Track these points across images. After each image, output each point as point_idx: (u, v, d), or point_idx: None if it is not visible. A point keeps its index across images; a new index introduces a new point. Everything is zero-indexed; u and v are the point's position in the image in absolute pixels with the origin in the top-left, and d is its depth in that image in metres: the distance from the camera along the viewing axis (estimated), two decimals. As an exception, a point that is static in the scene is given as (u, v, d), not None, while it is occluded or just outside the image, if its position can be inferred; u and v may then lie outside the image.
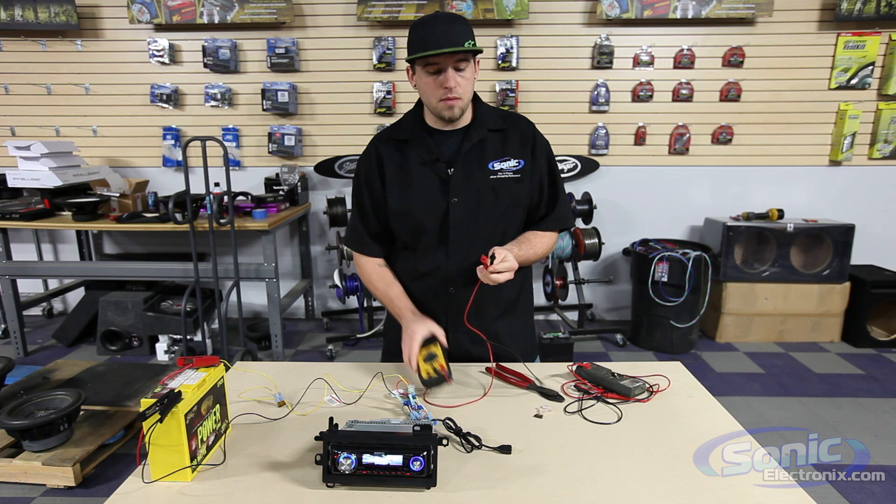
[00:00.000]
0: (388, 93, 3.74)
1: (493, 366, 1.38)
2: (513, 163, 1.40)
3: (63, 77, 3.81)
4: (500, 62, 3.68)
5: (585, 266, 4.00)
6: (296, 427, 1.14)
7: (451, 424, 1.09)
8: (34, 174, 3.31)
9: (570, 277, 3.73)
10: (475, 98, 1.43)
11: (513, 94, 3.70)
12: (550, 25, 3.66)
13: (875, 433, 2.53)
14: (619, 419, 1.17)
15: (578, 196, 3.69)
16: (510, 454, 1.04)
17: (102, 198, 3.32)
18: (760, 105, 3.72)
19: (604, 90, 3.70)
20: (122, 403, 2.50)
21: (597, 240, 3.58)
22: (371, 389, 1.30)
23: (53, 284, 4.16)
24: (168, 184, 3.91)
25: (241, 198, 3.44)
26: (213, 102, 3.80)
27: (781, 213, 3.64)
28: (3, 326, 3.70)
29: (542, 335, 2.91)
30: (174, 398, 0.94)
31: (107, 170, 3.79)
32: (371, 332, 3.57)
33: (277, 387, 1.28)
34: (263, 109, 3.75)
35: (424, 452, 0.93)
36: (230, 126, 3.85)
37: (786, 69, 3.66)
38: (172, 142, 3.86)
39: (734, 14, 3.50)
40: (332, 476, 0.94)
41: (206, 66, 3.73)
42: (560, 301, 3.71)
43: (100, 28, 3.75)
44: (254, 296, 4.07)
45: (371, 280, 1.50)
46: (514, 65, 3.69)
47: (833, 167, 3.82)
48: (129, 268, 3.40)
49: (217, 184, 3.03)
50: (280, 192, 3.58)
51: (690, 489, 0.94)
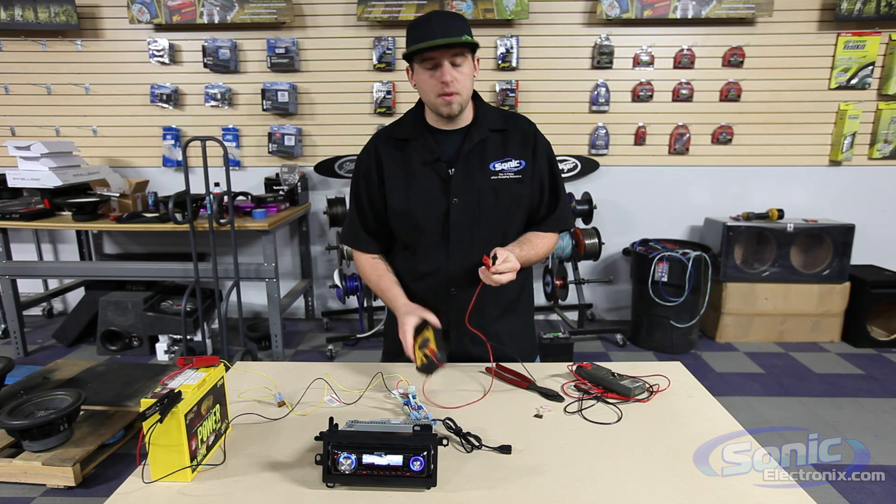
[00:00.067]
0: (388, 93, 3.74)
1: (493, 366, 1.38)
2: (514, 163, 1.39)
3: (63, 77, 3.81)
4: (500, 62, 3.68)
5: (585, 266, 4.00)
6: (296, 427, 1.14)
7: (451, 424, 1.09)
8: (34, 174, 3.31)
9: (570, 277, 3.73)
10: (476, 98, 1.43)
11: (513, 94, 3.70)
12: (550, 25, 3.66)
13: (875, 433, 2.53)
14: (619, 419, 1.17)
15: (578, 196, 3.69)
16: (510, 454, 1.04)
17: (102, 198, 3.32)
18: (760, 105, 3.72)
19: (604, 90, 3.70)
20: (122, 403, 2.51)
21: (597, 240, 3.58)
22: (371, 389, 1.30)
23: (53, 284, 4.16)
24: (168, 184, 3.91)
25: (241, 198, 3.44)
26: (213, 102, 3.80)
27: (781, 213, 3.64)
28: (3, 326, 3.70)
29: (542, 335, 2.91)
30: (174, 398, 0.94)
31: (107, 170, 3.79)
32: (371, 332, 3.57)
33: (277, 387, 1.28)
34: (263, 109, 3.76)
35: (424, 452, 0.93)
36: (230, 126, 3.85)
37: (786, 69, 3.66)
38: (172, 142, 3.86)
39: (734, 14, 3.51)
40: (332, 476, 0.94)
41: (206, 66, 3.73)
42: (560, 301, 3.71)
43: (100, 28, 3.75)
44: (254, 296, 4.07)
45: (365, 272, 1.51)
46: (514, 65, 3.69)
47: (833, 167, 3.82)
48: (129, 268, 3.40)
49: (217, 184, 3.03)
50: (280, 192, 3.58)
51: (690, 489, 0.94)
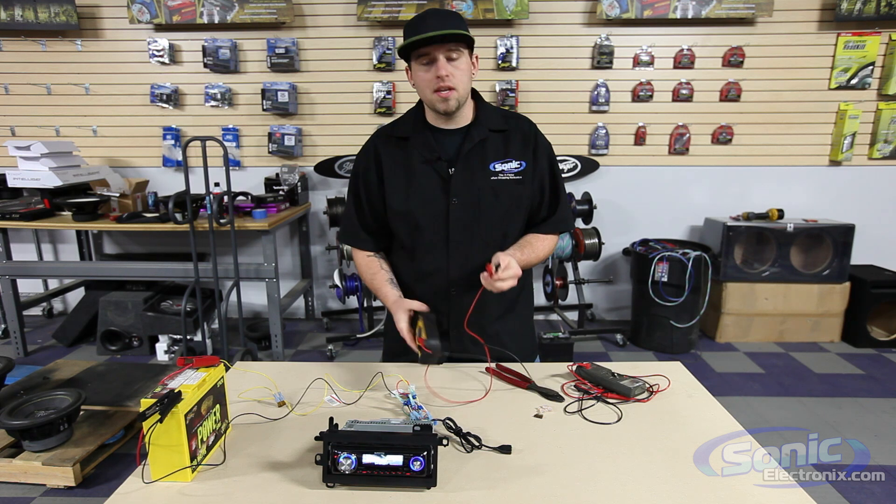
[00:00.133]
0: (388, 93, 3.74)
1: (493, 366, 1.39)
2: (514, 164, 1.39)
3: (63, 77, 3.81)
4: (500, 62, 3.68)
5: (585, 266, 4.00)
6: (296, 427, 1.14)
7: (451, 424, 1.09)
8: (34, 174, 3.31)
9: (570, 277, 3.73)
10: (477, 97, 1.43)
11: (513, 94, 3.70)
12: (550, 25, 3.66)
13: (875, 433, 2.53)
14: (619, 419, 1.17)
15: (578, 196, 3.69)
16: (510, 454, 1.04)
17: (102, 198, 3.32)
18: (760, 105, 3.72)
19: (604, 90, 3.70)
20: (122, 403, 2.51)
21: (597, 240, 3.58)
22: (371, 389, 1.30)
23: (53, 284, 4.16)
24: (168, 184, 3.91)
25: (241, 198, 3.44)
26: (213, 102, 3.80)
27: (781, 213, 3.64)
28: (3, 326, 3.70)
29: (542, 335, 2.91)
30: (174, 398, 0.93)
31: (107, 170, 3.79)
32: (371, 332, 3.57)
33: (277, 387, 1.28)
34: (263, 109, 3.76)
35: (424, 452, 0.93)
36: (230, 126, 3.85)
37: (786, 69, 3.66)
38: (172, 142, 3.86)
39: (734, 14, 3.50)
40: (332, 476, 0.94)
41: (206, 66, 3.73)
42: (560, 301, 3.71)
43: (100, 28, 3.75)
44: (254, 296, 4.07)
45: (361, 270, 1.51)
46: (514, 65, 3.69)
47: (833, 167, 3.82)
48: (129, 268, 3.40)
49: (217, 184, 3.03)
50: (280, 192, 3.58)
51: (690, 489, 0.94)
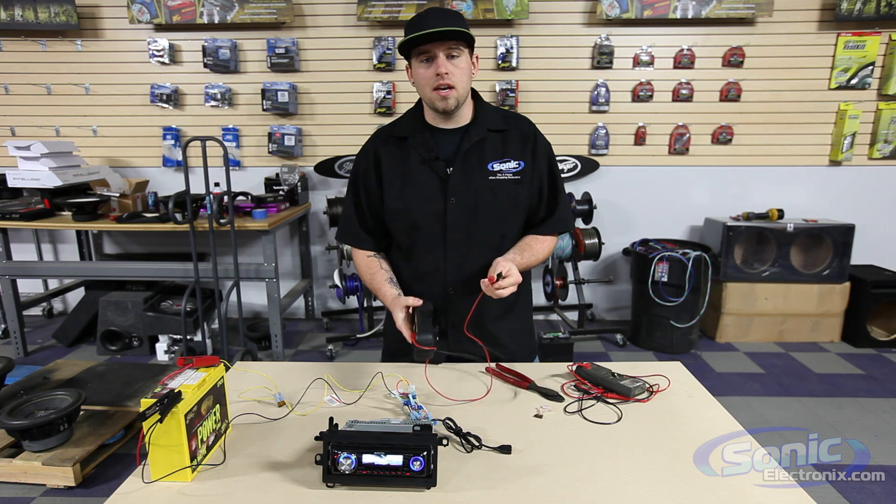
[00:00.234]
0: (388, 93, 3.74)
1: (493, 366, 1.39)
2: (513, 164, 1.39)
3: (63, 77, 3.81)
4: (500, 62, 3.68)
5: (585, 266, 4.00)
6: (296, 427, 1.14)
7: (451, 424, 1.09)
8: (34, 174, 3.31)
9: (570, 277, 3.73)
10: (476, 97, 1.43)
11: (513, 94, 3.70)
12: (550, 25, 3.66)
13: (875, 433, 2.53)
14: (619, 419, 1.17)
15: (578, 196, 3.69)
16: (510, 454, 1.04)
17: (102, 198, 3.32)
18: (760, 105, 3.72)
19: (604, 90, 3.70)
20: (122, 403, 2.50)
21: (597, 240, 3.58)
22: (371, 389, 1.30)
23: (53, 284, 4.16)
24: (168, 184, 3.91)
25: (241, 198, 3.44)
26: (213, 102, 3.80)
27: (781, 213, 3.64)
28: (3, 326, 3.70)
29: (542, 335, 2.90)
30: (174, 398, 0.93)
31: (107, 170, 3.79)
32: (371, 332, 3.57)
33: (277, 387, 1.28)
34: (263, 109, 3.75)
35: (424, 452, 0.93)
36: (230, 126, 3.85)
37: (786, 69, 3.66)
38: (172, 142, 3.86)
39: (734, 14, 3.50)
40: (332, 476, 0.94)
41: (206, 66, 3.73)
42: (560, 301, 3.71)
43: (100, 28, 3.75)
44: (254, 296, 4.07)
45: (360, 269, 1.51)
46: (514, 65, 3.68)
47: (833, 167, 3.82)
48: (129, 268, 3.40)
49: (217, 184, 3.03)
50: (280, 192, 3.58)
51: (690, 489, 0.94)
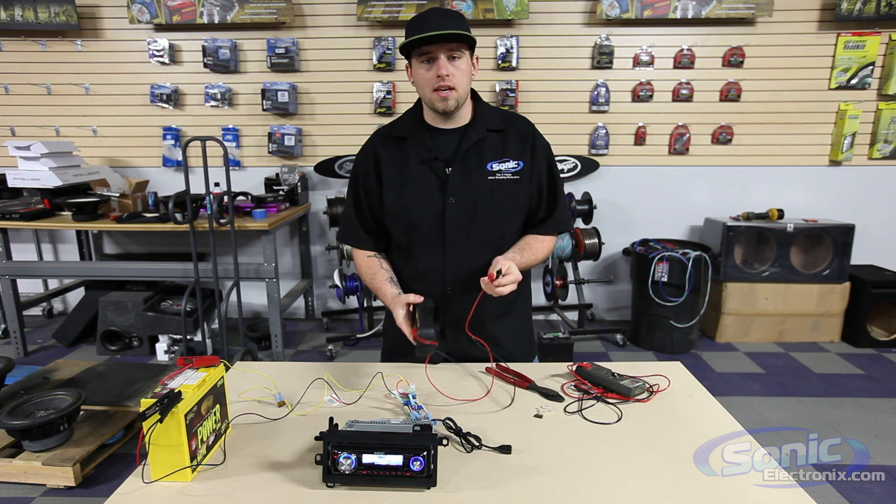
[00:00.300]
0: (388, 93, 3.74)
1: (494, 366, 1.39)
2: (512, 164, 1.39)
3: (63, 77, 3.81)
4: (500, 62, 3.68)
5: (585, 266, 4.00)
6: (296, 427, 1.14)
7: (451, 424, 1.09)
8: (34, 174, 3.31)
9: (570, 277, 3.73)
10: (476, 97, 1.43)
11: (513, 94, 3.70)
12: (550, 25, 3.66)
13: (875, 433, 2.53)
14: (619, 419, 1.17)
15: (578, 196, 3.69)
16: (510, 454, 1.04)
17: (102, 198, 3.32)
18: (760, 105, 3.72)
19: (604, 90, 3.70)
20: (122, 403, 2.51)
21: (597, 240, 3.58)
22: (371, 389, 1.30)
23: (53, 284, 4.16)
24: (168, 184, 3.91)
25: (241, 198, 3.44)
26: (213, 102, 3.80)
27: (781, 213, 3.64)
28: (3, 326, 3.70)
29: (542, 335, 2.91)
30: (174, 398, 0.94)
31: (107, 170, 3.79)
32: (371, 332, 3.57)
33: (277, 387, 1.28)
34: (263, 109, 3.75)
35: (424, 452, 0.93)
36: (230, 126, 3.85)
37: (786, 69, 3.66)
38: (172, 142, 3.86)
39: (734, 14, 3.50)
40: (332, 476, 0.94)
41: (206, 66, 3.73)
42: (560, 301, 3.71)
43: (100, 28, 3.75)
44: (254, 296, 4.07)
45: (361, 269, 1.51)
46: (514, 65, 3.68)
47: (833, 167, 3.82)
48: (129, 268, 3.40)
49: (217, 184, 3.03)
50: (280, 192, 3.58)
51: (690, 489, 0.94)
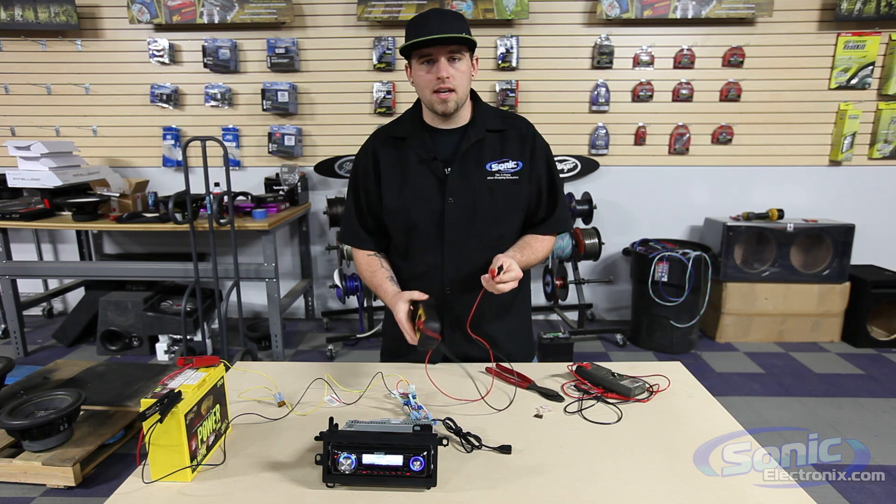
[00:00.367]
0: (388, 93, 3.74)
1: (494, 366, 1.39)
2: (511, 164, 1.39)
3: (63, 77, 3.81)
4: (500, 62, 3.68)
5: (585, 266, 4.00)
6: (296, 427, 1.14)
7: (451, 424, 1.09)
8: (34, 174, 3.31)
9: (570, 277, 3.72)
10: (475, 98, 1.43)
11: (513, 94, 3.70)
12: (550, 25, 3.66)
13: (875, 433, 2.53)
14: (619, 419, 1.17)
15: (578, 196, 3.69)
16: (510, 454, 1.04)
17: (102, 198, 3.32)
18: (760, 105, 3.72)
19: (604, 90, 3.70)
20: (122, 403, 2.50)
21: (597, 240, 3.58)
22: (371, 389, 1.30)
23: (53, 284, 4.16)
24: (168, 184, 3.91)
25: (241, 198, 3.44)
26: (213, 102, 3.80)
27: (781, 213, 3.64)
28: (3, 326, 3.70)
29: (542, 335, 2.91)
30: (174, 398, 0.94)
31: (107, 170, 3.79)
32: (371, 332, 3.57)
33: (277, 387, 1.28)
34: (263, 109, 3.75)
35: (424, 452, 0.93)
36: (230, 126, 3.85)
37: (786, 69, 3.66)
38: (172, 142, 3.86)
39: (734, 14, 3.50)
40: (332, 476, 0.94)
41: (206, 66, 3.73)
42: (560, 301, 3.71)
43: (100, 28, 3.75)
44: (254, 296, 4.07)
45: (361, 269, 1.51)
46: (514, 65, 3.68)
47: (833, 167, 3.82)
48: (129, 268, 3.40)
49: (217, 184, 3.03)
50: (280, 192, 3.58)
51: (690, 489, 0.94)
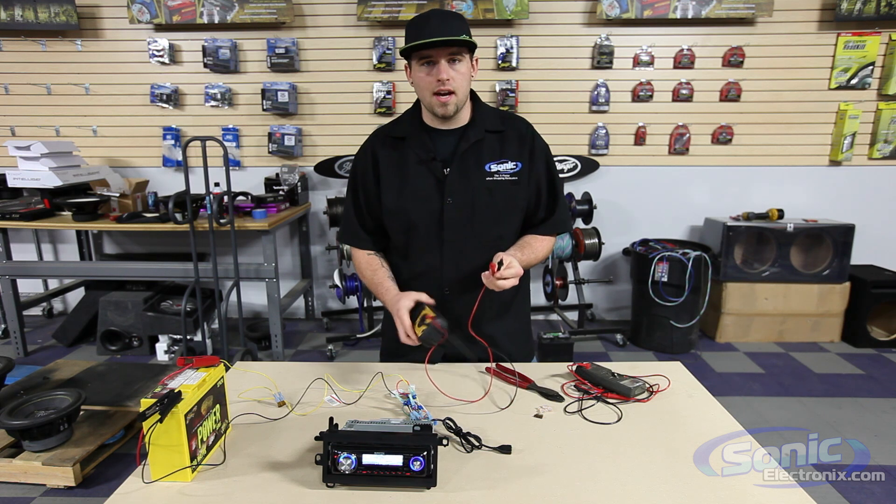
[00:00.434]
0: (388, 93, 3.74)
1: (494, 366, 1.39)
2: (510, 165, 1.39)
3: (63, 77, 3.81)
4: (500, 62, 3.68)
5: (585, 266, 4.00)
6: (296, 427, 1.14)
7: (451, 424, 1.09)
8: (34, 174, 3.31)
9: (570, 277, 3.72)
10: (474, 98, 1.43)
11: (513, 94, 3.70)
12: (550, 25, 3.66)
13: (875, 433, 2.53)
14: (619, 419, 1.17)
15: (578, 196, 3.69)
16: (510, 454, 1.04)
17: (102, 198, 3.32)
18: (760, 105, 3.72)
19: (604, 90, 3.70)
20: (122, 403, 2.50)
21: (597, 240, 3.58)
22: (371, 389, 1.30)
23: (53, 284, 4.16)
24: (168, 184, 3.91)
25: (241, 198, 3.44)
26: (213, 102, 3.80)
27: (781, 213, 3.64)
28: (3, 326, 3.69)
29: (542, 335, 2.91)
30: (174, 398, 0.94)
31: (107, 170, 3.79)
32: (371, 332, 3.57)
33: (277, 387, 1.28)
34: (263, 109, 3.75)
35: (424, 452, 0.93)
36: (230, 126, 3.85)
37: (786, 69, 3.66)
38: (172, 142, 3.86)
39: (734, 14, 3.50)
40: (332, 476, 0.94)
41: (206, 66, 3.73)
42: (560, 301, 3.71)
43: (100, 28, 3.75)
44: (254, 296, 4.07)
45: (361, 268, 1.51)
46: (514, 65, 3.68)
47: (833, 167, 3.82)
48: (129, 268, 3.40)
49: (217, 184, 3.03)
50: (280, 192, 3.58)
51: (690, 489, 0.94)
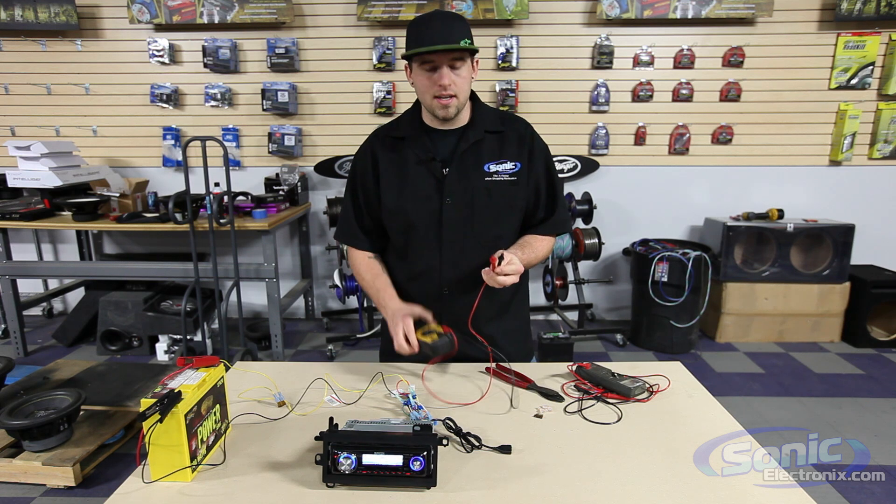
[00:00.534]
0: (388, 93, 3.74)
1: (493, 366, 1.39)
2: (509, 165, 1.39)
3: (63, 77, 3.81)
4: (500, 62, 3.68)
5: (585, 266, 4.00)
6: (296, 427, 1.14)
7: (451, 424, 1.10)
8: (34, 174, 3.31)
9: (570, 277, 3.73)
10: (474, 98, 1.43)
11: (513, 94, 3.70)
12: (550, 25, 3.66)
13: (875, 433, 2.53)
14: (619, 419, 1.17)
15: (578, 196, 3.69)
16: (510, 454, 1.04)
17: (102, 198, 3.32)
18: (760, 105, 3.72)
19: (604, 90, 3.70)
20: (122, 403, 2.50)
21: (597, 240, 3.58)
22: (371, 389, 1.30)
23: (53, 284, 4.16)
24: (168, 184, 3.91)
25: (241, 198, 3.44)
26: (213, 102, 3.80)
27: (781, 213, 3.64)
28: (3, 326, 3.69)
29: (542, 335, 2.90)
30: (174, 398, 0.94)
31: (107, 170, 3.79)
32: (371, 332, 3.57)
33: (277, 387, 1.28)
34: (263, 109, 3.75)
35: (424, 452, 0.93)
36: (230, 126, 3.85)
37: (786, 69, 3.66)
38: (172, 142, 3.86)
39: (734, 14, 3.50)
40: (332, 476, 0.94)
41: (206, 66, 3.73)
42: (560, 301, 3.71)
43: (100, 28, 3.75)
44: (254, 296, 4.07)
45: (359, 271, 1.51)
46: (514, 65, 3.68)
47: (833, 167, 3.82)
48: (129, 268, 3.40)
49: (217, 184, 3.03)
50: (280, 192, 3.58)
51: (690, 489, 0.94)
